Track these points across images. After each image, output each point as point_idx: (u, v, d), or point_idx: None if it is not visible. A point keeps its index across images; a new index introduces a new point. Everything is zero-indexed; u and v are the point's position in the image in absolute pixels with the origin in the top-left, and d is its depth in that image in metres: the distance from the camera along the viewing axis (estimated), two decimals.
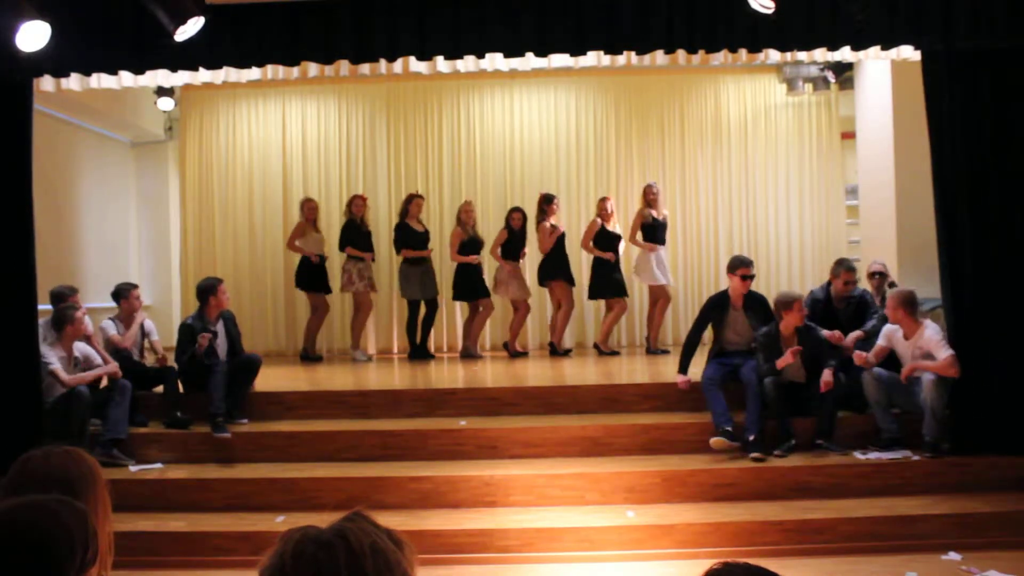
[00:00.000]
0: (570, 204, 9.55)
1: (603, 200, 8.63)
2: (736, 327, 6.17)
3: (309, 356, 8.81)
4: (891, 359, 5.76)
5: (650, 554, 4.74)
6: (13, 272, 5.65)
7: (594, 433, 5.75)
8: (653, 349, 8.63)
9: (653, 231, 8.48)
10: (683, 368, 6.08)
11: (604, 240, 8.49)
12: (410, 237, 8.64)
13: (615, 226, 8.63)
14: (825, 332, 6.00)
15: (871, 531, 4.85)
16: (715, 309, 6.24)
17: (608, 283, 8.49)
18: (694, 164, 9.75)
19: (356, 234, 8.66)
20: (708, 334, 6.41)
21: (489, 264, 8.90)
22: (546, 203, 8.60)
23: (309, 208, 8.86)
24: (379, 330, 9.66)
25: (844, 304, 6.33)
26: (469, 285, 8.59)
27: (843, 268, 6.34)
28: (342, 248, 8.68)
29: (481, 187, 9.74)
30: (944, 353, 5.46)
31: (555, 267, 8.56)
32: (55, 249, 8.20)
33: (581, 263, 9.03)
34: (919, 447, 5.44)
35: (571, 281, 8.62)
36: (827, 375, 5.54)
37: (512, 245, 8.63)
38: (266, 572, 1.13)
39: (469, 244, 8.59)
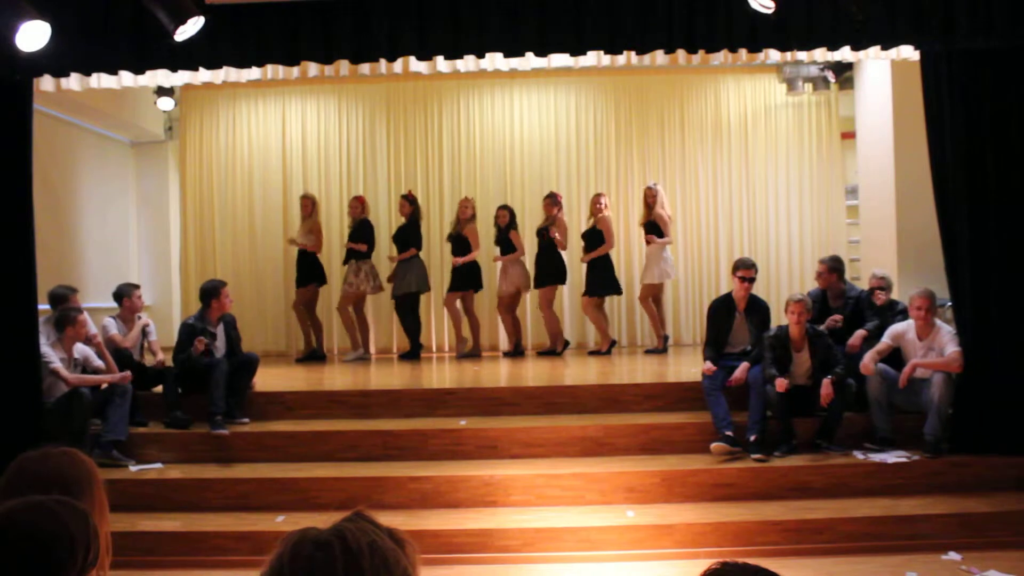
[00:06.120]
0: (570, 204, 9.54)
1: (595, 196, 8.66)
2: (737, 331, 6.18)
3: (312, 356, 8.85)
4: (895, 359, 5.76)
5: (650, 554, 4.74)
6: (13, 272, 5.65)
7: (594, 433, 5.75)
8: (659, 348, 8.64)
9: (656, 231, 8.48)
10: (708, 358, 6.01)
11: (590, 237, 8.56)
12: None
13: (594, 223, 8.56)
14: (828, 321, 6.12)
15: (871, 531, 4.85)
16: (720, 312, 6.25)
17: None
18: (694, 164, 9.74)
19: (372, 232, 8.79)
20: (701, 334, 6.43)
21: (489, 264, 8.95)
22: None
23: (304, 204, 8.90)
24: (379, 330, 9.66)
25: (841, 303, 6.35)
26: (456, 278, 8.67)
27: (818, 262, 6.59)
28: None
29: (481, 187, 9.73)
30: (951, 349, 5.49)
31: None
32: (55, 249, 8.20)
33: (578, 265, 9.02)
34: (919, 447, 5.45)
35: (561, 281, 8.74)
36: (826, 387, 5.51)
37: (499, 242, 8.72)
38: (266, 575, 1.13)
39: (451, 240, 8.72)
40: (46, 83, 5.96)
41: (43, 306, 6.05)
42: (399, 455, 5.69)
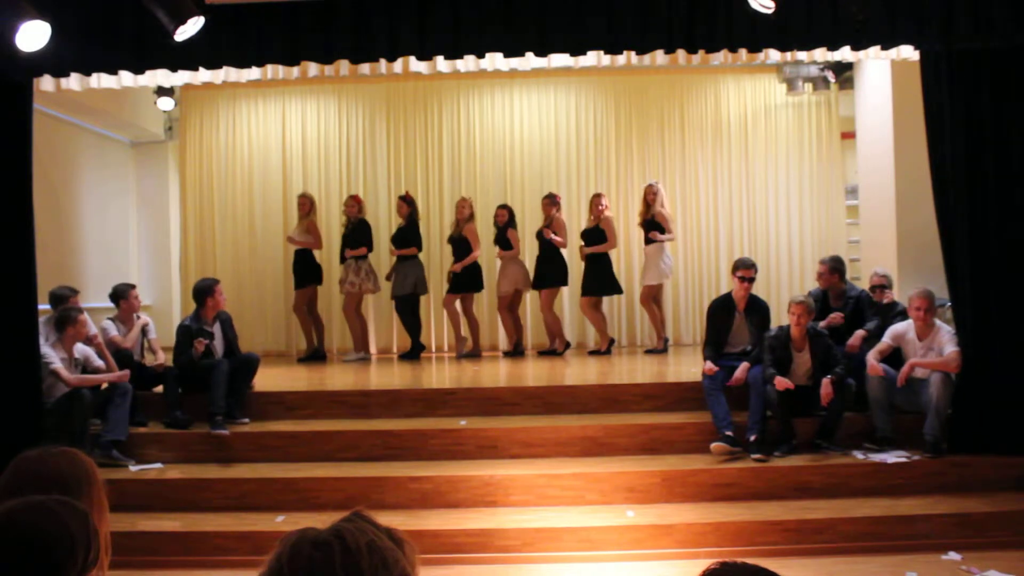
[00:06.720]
0: (569, 204, 9.54)
1: (596, 197, 8.67)
2: (736, 331, 6.18)
3: (314, 355, 8.85)
4: (896, 359, 5.76)
5: (650, 554, 4.75)
6: (13, 272, 5.65)
7: (594, 433, 5.75)
8: (659, 348, 8.64)
9: (657, 229, 8.49)
10: (708, 358, 6.01)
11: (590, 235, 8.58)
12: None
13: (597, 222, 8.59)
14: (827, 319, 6.12)
15: (871, 531, 4.85)
16: (720, 312, 6.24)
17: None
18: (694, 164, 9.74)
19: (369, 232, 8.79)
20: (701, 334, 6.42)
21: (487, 262, 8.96)
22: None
23: (301, 203, 8.89)
24: (379, 330, 9.66)
25: (842, 303, 6.36)
26: (455, 280, 8.67)
27: (819, 262, 6.60)
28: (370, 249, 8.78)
29: (481, 187, 9.74)
30: (950, 349, 5.50)
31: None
32: (55, 249, 8.20)
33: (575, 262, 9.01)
34: (919, 447, 5.45)
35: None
36: (826, 386, 5.51)
37: (498, 241, 8.73)
38: (265, 575, 1.13)
39: (452, 242, 8.74)
40: (46, 83, 5.96)
41: (43, 306, 6.05)
42: (399, 455, 5.69)
